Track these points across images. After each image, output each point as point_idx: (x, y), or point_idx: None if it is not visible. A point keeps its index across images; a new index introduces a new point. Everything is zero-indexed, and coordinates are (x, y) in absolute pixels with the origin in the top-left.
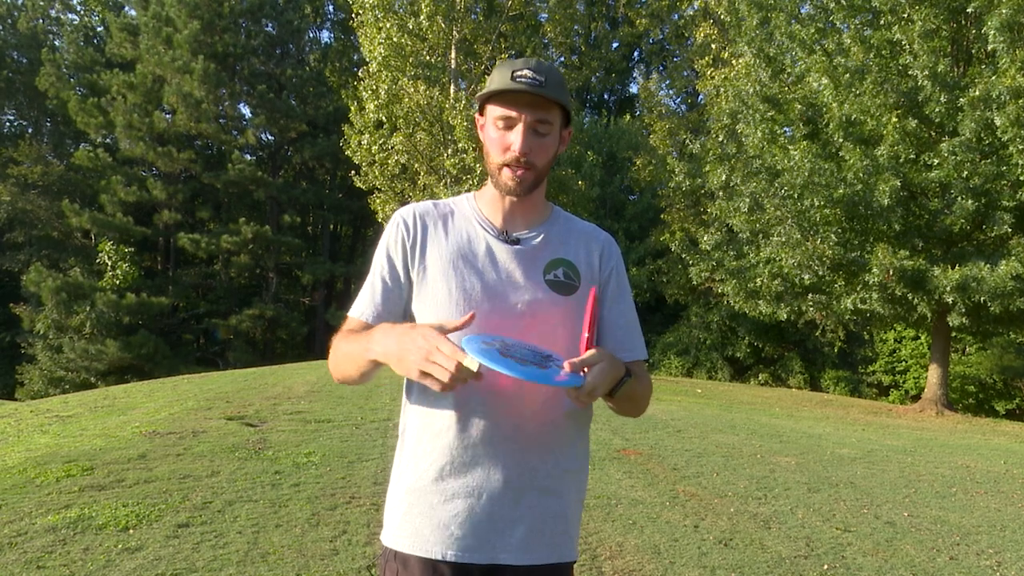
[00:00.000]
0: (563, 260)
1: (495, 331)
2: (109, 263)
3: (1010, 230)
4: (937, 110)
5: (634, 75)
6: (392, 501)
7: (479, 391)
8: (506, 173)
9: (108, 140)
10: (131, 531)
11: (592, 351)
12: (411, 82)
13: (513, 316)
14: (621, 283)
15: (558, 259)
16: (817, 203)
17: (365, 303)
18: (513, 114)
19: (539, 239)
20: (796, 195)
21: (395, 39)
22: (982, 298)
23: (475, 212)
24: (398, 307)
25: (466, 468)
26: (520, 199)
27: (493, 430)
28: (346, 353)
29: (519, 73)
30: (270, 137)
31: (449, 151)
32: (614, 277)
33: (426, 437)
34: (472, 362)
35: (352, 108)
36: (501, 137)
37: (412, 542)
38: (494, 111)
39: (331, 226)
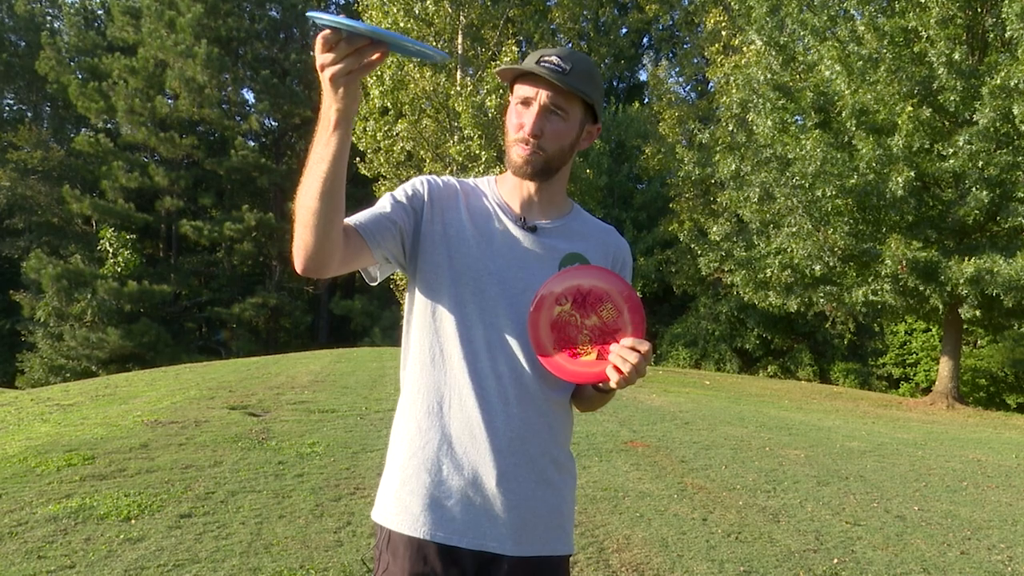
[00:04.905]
0: (580, 256)
1: (500, 313)
2: (110, 250)
3: None
4: (952, 99)
5: (643, 62)
6: (386, 476)
7: (479, 372)
8: (515, 150)
9: (109, 125)
10: (133, 521)
11: (648, 345)
12: (417, 68)
13: (520, 302)
14: None
15: (575, 254)
16: (829, 193)
17: (360, 215)
18: (530, 95)
19: (557, 231)
20: (807, 185)
21: (401, 24)
22: (995, 291)
23: (495, 194)
24: (387, 239)
25: (463, 451)
26: (539, 186)
27: (492, 415)
28: (303, 184)
29: (545, 59)
30: (273, 123)
31: (455, 138)
32: None
33: (422, 414)
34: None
35: None
36: (518, 116)
37: (401, 520)
38: (517, 91)
39: None
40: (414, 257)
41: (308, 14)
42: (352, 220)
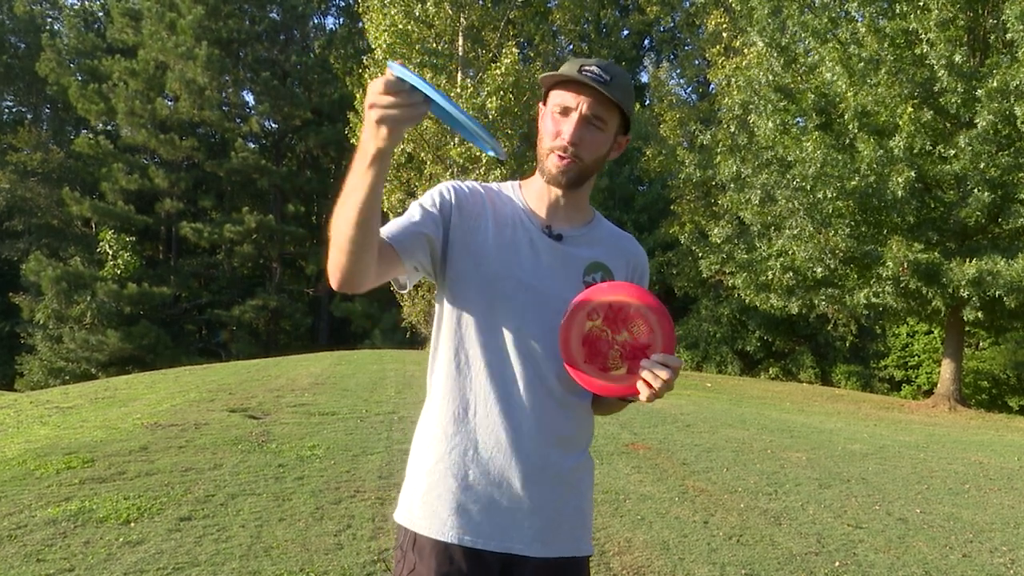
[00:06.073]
0: (602, 265)
1: (526, 321)
2: (110, 252)
3: None
4: (953, 100)
5: (644, 64)
6: (411, 479)
7: (505, 379)
8: (552, 159)
9: (109, 127)
10: (132, 524)
11: (679, 362)
12: (417, 70)
13: (547, 310)
14: None
15: (598, 263)
16: (830, 195)
17: (390, 225)
18: (571, 103)
19: (581, 239)
20: (808, 187)
21: (401, 26)
22: (997, 292)
23: (521, 201)
24: (417, 250)
25: (489, 456)
26: (565, 194)
27: (518, 421)
28: (339, 209)
29: (587, 68)
30: (274, 125)
31: (456, 140)
32: None
33: (448, 420)
34: (392, 73)
35: (357, 96)
36: (555, 124)
37: (429, 523)
38: (554, 99)
39: None
40: (443, 265)
41: (389, 64)
42: (384, 232)
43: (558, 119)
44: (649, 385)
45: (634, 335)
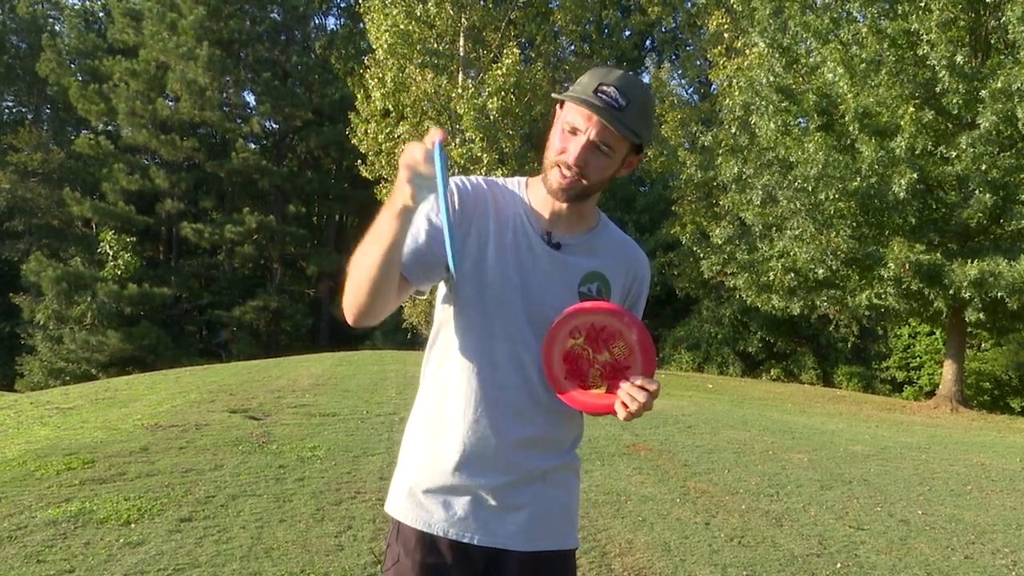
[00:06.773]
0: (600, 275)
1: (518, 325)
2: (110, 253)
3: None
4: (955, 101)
5: (646, 64)
6: (401, 471)
7: (496, 381)
8: (555, 173)
9: (110, 127)
10: (133, 525)
11: (657, 384)
12: (418, 70)
13: (538, 318)
14: (639, 307)
15: (595, 273)
16: (831, 196)
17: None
18: (581, 126)
19: (580, 248)
20: (810, 188)
21: (402, 26)
22: (999, 293)
23: (524, 202)
24: (426, 272)
25: (477, 455)
26: (569, 204)
27: (506, 422)
28: (361, 252)
29: (604, 88)
30: (275, 125)
31: (457, 141)
32: (639, 301)
33: (440, 417)
34: (430, 147)
35: (358, 96)
36: (563, 141)
37: (415, 515)
38: (566, 114)
39: (336, 216)
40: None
41: (436, 139)
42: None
43: (567, 136)
44: (626, 406)
45: (615, 356)
